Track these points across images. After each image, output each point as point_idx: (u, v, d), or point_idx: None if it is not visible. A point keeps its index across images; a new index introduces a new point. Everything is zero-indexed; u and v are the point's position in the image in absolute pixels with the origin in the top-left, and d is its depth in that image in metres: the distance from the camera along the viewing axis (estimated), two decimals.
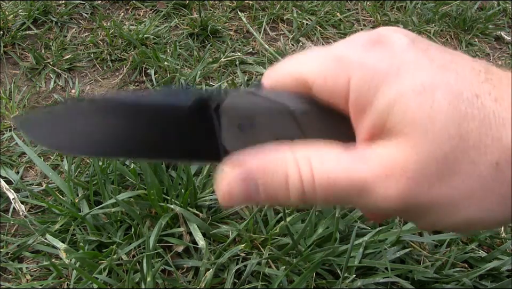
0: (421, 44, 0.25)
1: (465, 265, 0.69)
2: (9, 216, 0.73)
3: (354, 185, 0.24)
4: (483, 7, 1.51)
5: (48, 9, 1.21)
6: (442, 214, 0.24)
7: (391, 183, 0.23)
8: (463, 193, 0.23)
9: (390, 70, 0.24)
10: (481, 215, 0.24)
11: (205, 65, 1.08)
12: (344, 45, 0.27)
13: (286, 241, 0.67)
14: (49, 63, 1.08)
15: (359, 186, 0.24)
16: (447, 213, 0.24)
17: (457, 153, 0.22)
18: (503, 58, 1.33)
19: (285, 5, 1.36)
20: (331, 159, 0.25)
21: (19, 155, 0.85)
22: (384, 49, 0.25)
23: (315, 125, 0.28)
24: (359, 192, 0.24)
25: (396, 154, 0.23)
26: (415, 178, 0.23)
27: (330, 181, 0.25)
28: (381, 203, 0.24)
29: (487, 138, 0.22)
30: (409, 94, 0.23)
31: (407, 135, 0.23)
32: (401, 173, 0.23)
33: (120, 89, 1.05)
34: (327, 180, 0.25)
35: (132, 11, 1.29)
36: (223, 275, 0.65)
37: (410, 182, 0.23)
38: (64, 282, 0.64)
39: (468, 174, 0.23)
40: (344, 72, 0.25)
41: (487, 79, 0.23)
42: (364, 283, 0.63)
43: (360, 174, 0.24)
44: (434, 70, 0.23)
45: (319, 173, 0.25)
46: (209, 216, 0.73)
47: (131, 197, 0.72)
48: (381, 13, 1.42)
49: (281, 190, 0.26)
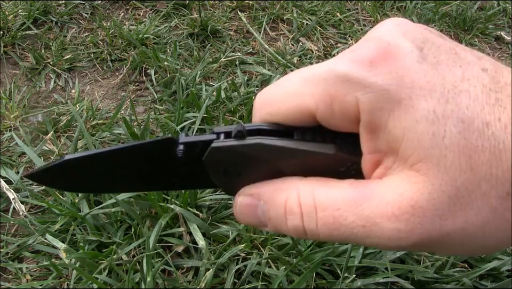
0: (431, 55, 0.24)
1: (465, 265, 0.69)
2: (9, 216, 0.73)
3: (361, 223, 0.23)
4: (483, 7, 1.51)
5: (48, 9, 1.21)
6: (457, 245, 0.23)
7: (400, 223, 0.22)
8: (476, 225, 0.22)
9: (402, 93, 0.23)
10: (496, 242, 0.23)
11: (205, 65, 1.08)
12: (348, 61, 0.24)
13: (286, 241, 0.67)
14: (49, 63, 1.08)
15: (366, 225, 0.23)
16: (462, 243, 0.23)
17: (469, 186, 0.22)
18: (503, 58, 1.33)
19: (285, 5, 1.36)
20: (337, 193, 0.24)
21: (19, 155, 0.85)
22: (393, 67, 0.23)
23: (298, 163, 0.27)
24: (365, 231, 0.23)
25: (407, 191, 0.23)
26: (427, 216, 0.22)
27: (335, 214, 0.24)
28: (389, 242, 0.23)
29: (498, 170, 0.22)
30: (423, 122, 0.22)
31: (419, 169, 0.23)
32: (412, 211, 0.22)
33: (120, 89, 1.05)
34: (331, 214, 0.24)
35: (132, 11, 1.29)
36: (223, 275, 0.65)
37: (422, 221, 0.22)
38: (64, 282, 0.64)
39: (480, 206, 0.22)
40: (352, 93, 0.24)
41: (497, 100, 0.22)
42: (364, 283, 0.63)
43: (368, 211, 0.23)
44: (447, 94, 0.22)
45: (322, 204, 0.24)
46: (209, 216, 0.73)
47: (131, 197, 0.72)
48: (381, 13, 1.42)
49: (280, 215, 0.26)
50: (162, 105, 0.99)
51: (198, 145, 0.28)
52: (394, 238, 0.23)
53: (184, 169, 0.30)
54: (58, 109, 0.95)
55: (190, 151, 0.28)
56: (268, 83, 1.04)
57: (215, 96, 0.98)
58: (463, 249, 0.24)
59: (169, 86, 1.03)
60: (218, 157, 0.28)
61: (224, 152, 0.27)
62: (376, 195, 0.23)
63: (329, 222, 0.24)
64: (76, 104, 0.97)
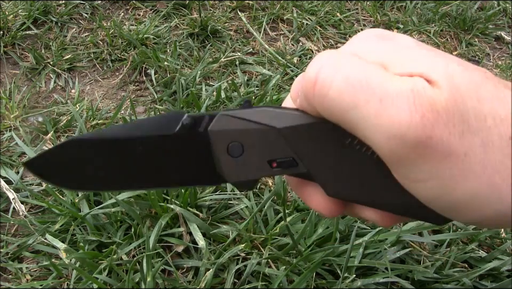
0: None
1: (465, 265, 0.69)
2: (9, 216, 0.73)
3: (380, 96, 0.22)
4: (483, 7, 1.51)
5: (48, 9, 1.21)
6: (455, 176, 0.23)
7: (417, 114, 0.22)
8: (479, 157, 0.22)
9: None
10: (493, 195, 0.23)
11: (205, 65, 1.08)
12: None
13: (286, 241, 0.67)
14: (49, 63, 1.08)
15: (383, 99, 0.22)
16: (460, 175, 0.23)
17: (477, 114, 0.22)
18: (503, 58, 1.33)
19: (285, 5, 1.36)
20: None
21: (19, 155, 0.85)
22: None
23: (305, 141, 0.27)
24: (379, 107, 0.22)
25: (429, 90, 0.23)
26: (439, 122, 0.22)
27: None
28: (395, 128, 0.22)
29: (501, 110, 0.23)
30: None
31: (436, 81, 0.23)
32: (429, 109, 0.22)
33: (120, 89, 1.05)
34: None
35: (132, 11, 1.29)
36: (223, 275, 0.65)
37: (434, 123, 0.22)
38: (64, 282, 0.64)
39: (484, 138, 0.22)
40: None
41: None
42: (364, 283, 0.63)
43: (391, 88, 0.23)
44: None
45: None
46: (209, 216, 0.73)
47: (131, 197, 0.72)
48: (381, 13, 1.42)
49: None
50: (162, 105, 0.99)
51: (205, 118, 0.28)
52: (404, 124, 0.22)
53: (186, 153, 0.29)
54: (58, 109, 0.95)
55: (197, 123, 0.28)
56: (267, 83, 1.04)
57: (215, 96, 0.98)
58: (457, 188, 0.23)
59: (169, 86, 1.03)
60: (224, 127, 0.28)
61: (231, 120, 0.28)
62: (403, 79, 0.23)
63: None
64: (75, 104, 0.97)
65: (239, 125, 0.28)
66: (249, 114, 0.28)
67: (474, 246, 0.71)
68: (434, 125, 0.22)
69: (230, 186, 0.78)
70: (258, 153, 0.28)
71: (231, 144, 0.28)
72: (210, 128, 0.28)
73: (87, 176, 0.31)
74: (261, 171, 0.29)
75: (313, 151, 0.27)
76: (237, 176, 0.29)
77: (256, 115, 0.28)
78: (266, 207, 0.72)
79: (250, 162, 0.29)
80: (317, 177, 0.28)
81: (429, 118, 0.22)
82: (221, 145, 0.28)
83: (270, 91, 1.01)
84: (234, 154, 0.28)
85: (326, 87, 0.24)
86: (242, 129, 0.28)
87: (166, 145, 0.29)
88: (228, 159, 0.29)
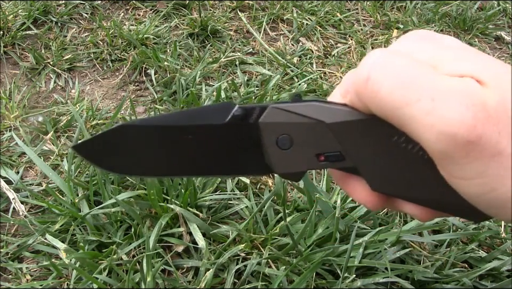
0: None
1: (465, 265, 0.69)
2: (9, 216, 0.73)
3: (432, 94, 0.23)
4: (483, 7, 1.51)
5: (48, 9, 1.21)
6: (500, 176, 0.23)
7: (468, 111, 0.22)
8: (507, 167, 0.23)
9: None
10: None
11: (205, 65, 1.08)
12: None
13: (286, 241, 0.67)
14: (49, 63, 1.08)
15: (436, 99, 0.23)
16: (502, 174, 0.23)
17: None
18: (503, 58, 1.33)
19: (285, 5, 1.36)
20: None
21: (19, 155, 0.85)
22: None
23: (353, 136, 0.28)
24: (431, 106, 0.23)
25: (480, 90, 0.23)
26: (489, 122, 0.22)
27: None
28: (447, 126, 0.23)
29: None
30: None
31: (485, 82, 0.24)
32: (482, 108, 0.23)
33: (120, 89, 1.05)
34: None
35: (132, 12, 1.29)
36: (223, 275, 0.65)
37: (485, 121, 0.22)
38: (64, 282, 0.64)
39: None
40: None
41: None
42: (364, 283, 0.63)
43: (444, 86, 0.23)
44: None
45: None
46: (209, 216, 0.73)
47: (131, 197, 0.72)
48: (381, 13, 1.42)
49: None
50: (162, 105, 0.99)
51: (255, 109, 0.29)
52: (455, 122, 0.23)
53: (236, 143, 0.30)
54: (58, 109, 0.95)
55: (247, 114, 0.29)
56: (267, 84, 1.04)
57: (215, 96, 0.98)
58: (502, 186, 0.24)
59: (169, 86, 1.03)
60: (275, 119, 0.29)
61: (281, 113, 0.28)
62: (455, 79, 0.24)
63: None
64: (76, 104, 0.97)
65: (289, 118, 0.29)
66: (299, 108, 0.28)
67: (474, 246, 0.71)
68: (485, 125, 0.22)
69: (230, 186, 0.78)
70: (306, 146, 0.29)
71: (281, 136, 0.29)
72: (261, 120, 0.29)
73: (135, 162, 0.32)
74: (309, 164, 0.30)
75: (360, 146, 0.28)
76: (284, 168, 0.30)
77: (305, 110, 0.28)
78: (266, 207, 0.72)
79: (299, 155, 0.29)
80: (363, 171, 0.29)
81: (479, 118, 0.22)
82: (270, 137, 0.29)
83: (270, 92, 1.01)
84: (283, 147, 0.29)
85: (378, 85, 0.25)
86: (292, 123, 0.29)
87: (216, 134, 0.30)
88: (276, 150, 0.30)
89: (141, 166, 0.32)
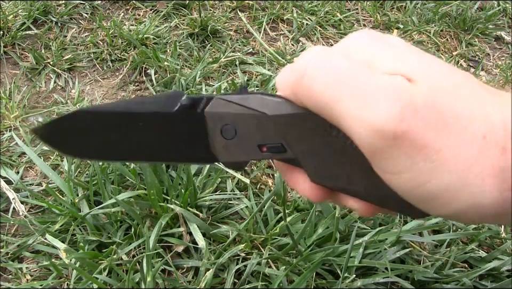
0: None
1: (465, 265, 0.69)
2: (9, 216, 0.73)
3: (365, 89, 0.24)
4: (483, 7, 1.51)
5: (48, 9, 1.21)
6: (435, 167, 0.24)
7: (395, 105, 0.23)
8: (454, 153, 0.23)
9: None
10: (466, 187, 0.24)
11: (205, 65, 1.08)
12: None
13: (286, 241, 0.67)
14: (49, 63, 1.08)
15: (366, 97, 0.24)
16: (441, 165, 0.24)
17: (455, 109, 0.24)
18: (503, 58, 1.33)
19: (285, 5, 1.36)
20: None
21: (19, 155, 0.85)
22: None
23: (294, 129, 0.29)
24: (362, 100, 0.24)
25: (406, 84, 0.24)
26: (417, 115, 0.23)
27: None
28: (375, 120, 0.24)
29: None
30: None
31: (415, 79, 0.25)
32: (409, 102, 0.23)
33: (120, 89, 1.05)
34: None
35: (132, 12, 1.29)
36: (223, 275, 0.65)
37: (412, 116, 0.23)
38: (64, 282, 0.64)
39: (458, 136, 0.23)
40: None
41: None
42: (364, 283, 0.63)
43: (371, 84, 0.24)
44: None
45: None
46: (209, 216, 0.73)
47: (131, 197, 0.72)
48: (381, 13, 1.42)
49: None
50: None
51: (202, 100, 0.30)
52: (382, 117, 0.23)
53: (183, 131, 0.31)
54: (58, 109, 0.95)
55: (195, 104, 0.30)
56: (267, 83, 1.04)
57: None
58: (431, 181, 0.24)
59: (169, 86, 1.03)
60: (219, 110, 0.30)
61: (226, 104, 0.29)
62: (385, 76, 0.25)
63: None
64: (76, 104, 0.97)
65: (233, 109, 0.30)
66: (243, 100, 0.29)
67: (474, 246, 0.71)
68: (411, 120, 0.23)
69: (230, 186, 0.78)
70: (249, 137, 0.30)
71: (225, 126, 0.30)
72: (207, 110, 0.30)
73: (91, 146, 0.34)
74: (251, 154, 0.31)
75: (300, 139, 0.29)
76: (228, 157, 0.31)
77: (249, 101, 0.29)
78: (266, 207, 0.72)
79: (242, 145, 0.30)
80: (303, 164, 0.30)
81: (406, 113, 0.23)
82: (215, 126, 0.30)
83: (270, 91, 1.02)
84: (227, 136, 0.30)
85: (312, 81, 0.26)
86: (236, 113, 0.30)
87: (164, 122, 0.31)
88: (221, 140, 0.31)
89: (97, 150, 0.34)
